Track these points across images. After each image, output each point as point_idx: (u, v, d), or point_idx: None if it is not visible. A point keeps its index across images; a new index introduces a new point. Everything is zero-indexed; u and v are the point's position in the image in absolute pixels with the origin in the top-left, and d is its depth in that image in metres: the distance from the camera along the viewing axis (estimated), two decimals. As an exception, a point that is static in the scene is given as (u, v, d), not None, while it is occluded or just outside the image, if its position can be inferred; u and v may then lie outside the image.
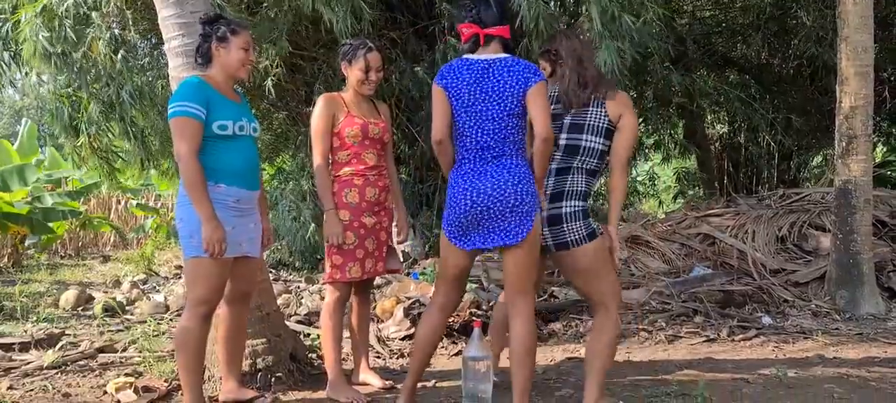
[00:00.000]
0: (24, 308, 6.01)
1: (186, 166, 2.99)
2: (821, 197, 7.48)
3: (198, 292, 3.11)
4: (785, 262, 6.60)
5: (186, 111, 3.00)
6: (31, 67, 6.55)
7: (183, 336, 3.14)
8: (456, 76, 3.03)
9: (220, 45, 3.16)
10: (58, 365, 4.24)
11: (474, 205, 2.97)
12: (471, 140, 3.02)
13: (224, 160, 3.11)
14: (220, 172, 3.10)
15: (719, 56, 9.68)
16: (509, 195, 2.94)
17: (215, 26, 3.18)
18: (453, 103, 3.04)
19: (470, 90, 3.00)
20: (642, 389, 3.76)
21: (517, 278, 3.07)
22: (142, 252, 9.46)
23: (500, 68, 2.99)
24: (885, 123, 11.09)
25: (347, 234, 3.55)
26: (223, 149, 3.11)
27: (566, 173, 3.19)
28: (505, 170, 2.97)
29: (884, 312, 5.69)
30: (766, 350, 4.71)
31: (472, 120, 3.00)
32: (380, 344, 4.79)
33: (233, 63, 3.17)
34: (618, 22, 4.90)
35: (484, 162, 3.00)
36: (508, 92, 2.96)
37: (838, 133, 5.88)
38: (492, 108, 2.98)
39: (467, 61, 3.05)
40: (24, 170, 10.58)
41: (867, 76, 5.74)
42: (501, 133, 2.98)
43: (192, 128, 3.01)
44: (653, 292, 5.93)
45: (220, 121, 3.08)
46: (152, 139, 7.81)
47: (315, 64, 6.85)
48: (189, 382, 3.18)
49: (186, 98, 3.02)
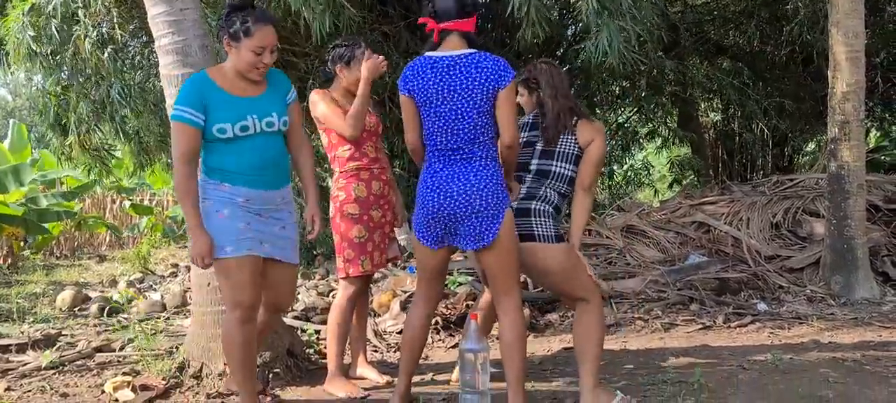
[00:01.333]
0: (21, 309, 6.00)
1: (176, 173, 2.91)
2: (814, 182, 7.50)
3: (226, 294, 3.04)
4: (779, 248, 6.62)
5: (181, 116, 2.88)
6: (19, 66, 6.54)
7: (224, 341, 3.10)
8: (419, 77, 2.93)
9: (232, 43, 2.93)
10: (55, 366, 4.24)
11: (441, 209, 2.94)
12: (439, 141, 2.95)
13: (229, 160, 2.96)
14: (225, 172, 2.96)
15: (712, 44, 9.68)
16: (474, 200, 2.89)
17: (231, 19, 2.92)
18: (419, 106, 2.96)
19: (435, 90, 2.90)
20: (639, 377, 3.77)
21: (495, 279, 3.05)
22: (137, 251, 9.44)
23: (467, 64, 2.88)
24: (878, 108, 11.11)
25: (358, 228, 3.56)
26: (226, 150, 2.95)
27: (538, 188, 3.22)
28: (472, 174, 2.91)
29: (878, 296, 5.71)
30: (761, 337, 4.73)
31: (439, 120, 2.92)
32: (377, 338, 4.80)
33: (241, 65, 2.95)
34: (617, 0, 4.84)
35: (452, 163, 2.94)
36: (478, 89, 2.86)
37: (831, 119, 5.89)
38: (459, 106, 2.88)
39: (430, 59, 2.93)
40: (19, 171, 10.55)
41: (859, 61, 5.74)
42: (470, 133, 2.91)
43: (186, 133, 2.88)
44: (648, 281, 5.94)
45: (219, 124, 2.91)
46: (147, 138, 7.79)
47: (308, 59, 6.83)
48: (239, 385, 3.13)
49: (183, 101, 2.90)
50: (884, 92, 10.12)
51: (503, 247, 2.96)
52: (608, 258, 6.62)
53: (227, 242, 2.93)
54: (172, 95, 3.67)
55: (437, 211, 2.95)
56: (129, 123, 7.18)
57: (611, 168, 11.21)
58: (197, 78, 3.00)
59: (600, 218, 7.51)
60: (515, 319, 3.04)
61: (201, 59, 3.63)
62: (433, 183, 2.97)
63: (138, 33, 6.91)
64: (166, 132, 6.85)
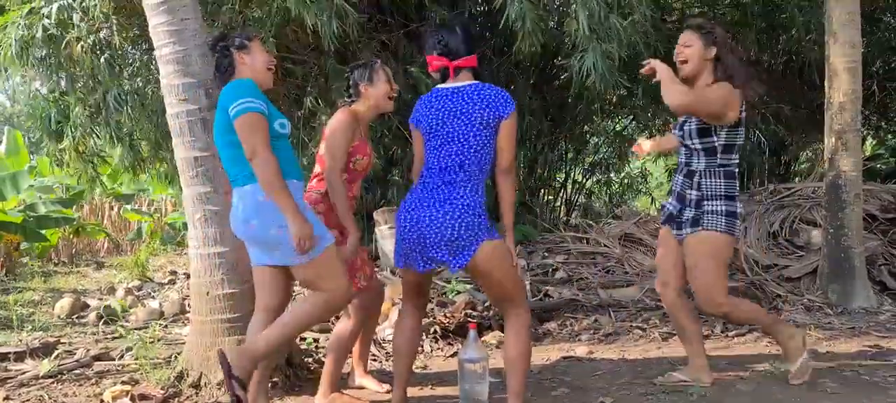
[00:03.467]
0: (19, 317, 5.99)
1: (267, 160, 2.87)
2: (811, 191, 7.52)
3: (332, 279, 3.02)
4: (777, 257, 6.64)
5: (255, 107, 2.90)
6: (15, 72, 6.55)
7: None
8: (426, 107, 3.09)
9: (242, 53, 3.11)
10: (54, 374, 4.24)
11: (411, 231, 2.99)
12: (431, 161, 3.04)
13: (284, 157, 3.02)
14: (289, 169, 3.02)
15: (709, 53, 9.70)
16: (446, 228, 2.92)
17: (227, 39, 3.13)
18: (423, 133, 3.09)
19: (438, 115, 3.03)
20: (637, 387, 3.78)
21: (490, 294, 3.19)
22: (136, 258, 9.43)
23: (472, 92, 3.02)
24: (874, 117, 11.14)
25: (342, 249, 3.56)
26: (280, 147, 3.02)
27: (692, 175, 3.57)
28: (447, 202, 2.94)
29: (876, 305, 5.73)
30: (759, 346, 4.74)
31: (437, 141, 3.03)
32: (375, 346, 4.80)
33: (259, 66, 3.12)
34: (606, 23, 4.90)
35: (434, 187, 2.99)
36: (477, 113, 2.97)
37: (828, 128, 5.92)
38: (456, 127, 2.98)
39: (438, 91, 3.09)
40: (16, 178, 10.54)
41: (856, 71, 5.77)
42: (460, 157, 2.97)
43: (264, 124, 2.92)
44: (646, 290, 5.96)
45: (280, 119, 3.04)
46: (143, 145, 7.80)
47: (306, 66, 6.84)
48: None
49: (249, 94, 2.93)
50: (880, 101, 10.15)
51: (483, 270, 2.99)
52: (606, 267, 6.63)
53: (324, 231, 3.03)
54: (173, 104, 3.69)
55: (407, 231, 3.01)
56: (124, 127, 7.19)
57: (608, 176, 11.23)
58: (245, 80, 3.02)
59: (598, 227, 7.52)
60: (520, 335, 3.08)
61: (201, 69, 3.65)
62: (409, 206, 3.04)
63: (139, 41, 6.92)
64: (162, 138, 6.86)
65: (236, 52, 3.10)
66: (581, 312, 5.53)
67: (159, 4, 3.63)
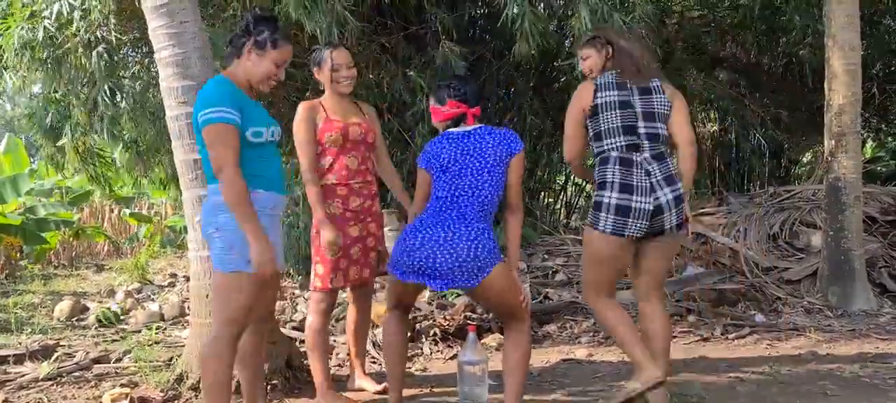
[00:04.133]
0: (19, 319, 5.99)
1: (231, 180, 2.68)
2: (811, 194, 7.52)
3: (230, 310, 2.80)
4: (777, 260, 6.63)
5: (223, 116, 2.70)
6: (17, 74, 6.57)
7: (210, 362, 2.84)
8: (436, 148, 3.18)
9: (255, 50, 2.85)
10: (53, 377, 4.24)
11: (421, 249, 2.98)
12: (443, 191, 3.10)
13: (260, 166, 2.85)
14: (259, 178, 2.83)
15: (708, 55, 9.71)
16: (462, 249, 2.93)
17: (259, 27, 2.86)
18: (432, 172, 3.16)
19: (450, 155, 3.13)
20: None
21: (496, 311, 3.28)
22: (136, 261, 9.42)
23: (483, 132, 3.16)
24: (875, 120, 11.14)
25: None
26: (258, 156, 2.84)
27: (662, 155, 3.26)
28: (463, 224, 2.99)
29: (876, 308, 5.72)
30: (759, 348, 4.74)
31: (448, 179, 3.10)
32: (374, 349, 4.80)
33: (259, 74, 2.86)
34: (609, 21, 4.90)
35: (446, 211, 3.05)
36: (490, 151, 3.09)
37: (828, 130, 5.92)
38: (471, 163, 3.08)
39: (451, 134, 3.20)
40: (16, 181, 10.55)
41: (855, 74, 5.78)
42: (473, 189, 3.04)
43: (233, 135, 2.72)
44: (646, 292, 5.94)
45: (254, 127, 2.81)
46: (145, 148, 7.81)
47: (305, 70, 6.85)
48: None
49: (220, 102, 2.72)
50: (880, 103, 10.15)
51: (492, 292, 3.05)
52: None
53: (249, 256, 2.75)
54: (172, 107, 3.70)
55: (416, 248, 2.99)
56: (127, 132, 7.21)
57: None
58: (222, 81, 2.83)
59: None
60: (520, 345, 3.13)
61: (201, 72, 3.65)
62: (421, 224, 3.06)
63: (139, 44, 6.93)
64: (161, 140, 6.86)
65: (250, 43, 2.85)
66: (581, 314, 5.53)
67: (159, 7, 3.63)
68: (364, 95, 5.89)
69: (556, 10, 6.89)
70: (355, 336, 3.90)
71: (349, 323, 3.90)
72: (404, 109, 6.65)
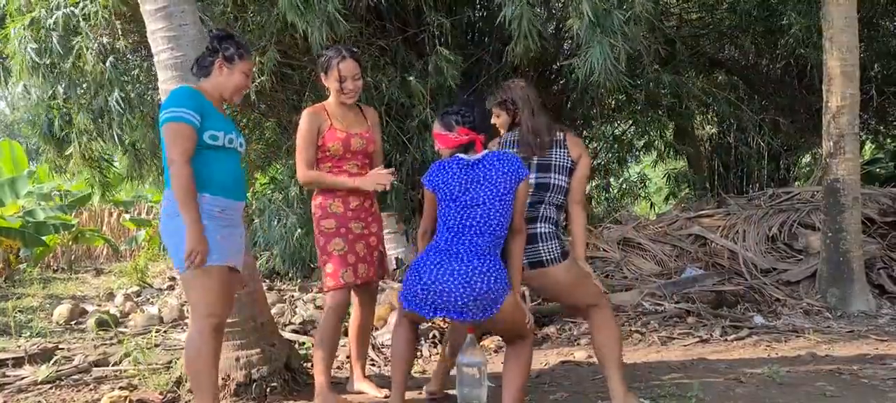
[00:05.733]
0: (18, 322, 5.99)
1: (179, 171, 2.90)
2: (810, 195, 7.53)
3: (204, 304, 3.01)
4: (776, 262, 6.64)
5: (181, 116, 2.93)
6: (19, 80, 6.57)
7: (192, 356, 3.03)
8: (445, 173, 3.16)
9: (225, 65, 3.12)
10: (52, 380, 4.23)
11: (436, 284, 2.98)
12: (452, 222, 3.09)
13: (211, 170, 3.03)
14: (207, 182, 3.01)
15: (707, 57, 9.73)
16: (476, 282, 2.95)
17: (225, 44, 3.13)
18: (441, 198, 3.14)
19: (458, 182, 3.12)
20: (637, 391, 3.77)
21: (502, 333, 3.30)
22: (134, 264, 9.43)
23: (491, 160, 3.14)
24: (873, 121, 11.16)
25: (336, 240, 3.56)
26: (211, 160, 3.03)
27: (538, 203, 3.31)
28: (475, 257, 2.99)
29: (874, 309, 5.73)
30: (758, 350, 4.74)
31: (457, 205, 3.09)
32: (375, 352, 4.80)
33: (230, 86, 3.14)
34: (609, 18, 4.89)
35: (458, 244, 3.04)
36: (500, 178, 3.08)
37: (826, 132, 5.93)
38: (482, 194, 3.07)
39: (458, 160, 3.18)
40: (15, 183, 10.56)
41: (853, 75, 5.79)
42: (484, 220, 3.04)
43: (187, 132, 2.93)
44: (645, 294, 5.96)
45: (211, 130, 3.01)
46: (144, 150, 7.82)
47: (304, 72, 6.86)
48: (201, 399, 3.05)
49: (181, 104, 2.95)
50: (879, 105, 10.17)
51: (503, 320, 3.08)
52: (605, 270, 6.63)
53: (213, 250, 2.98)
54: (171, 109, 3.70)
55: (432, 283, 2.99)
56: (127, 136, 7.21)
57: (607, 180, 11.24)
58: (187, 88, 3.07)
59: (597, 231, 7.52)
60: (522, 353, 3.18)
61: (200, 74, 3.65)
62: (435, 257, 3.04)
63: (138, 47, 6.94)
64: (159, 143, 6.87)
65: (220, 59, 3.11)
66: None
67: (157, 10, 3.63)
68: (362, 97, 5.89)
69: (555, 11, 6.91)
70: (357, 339, 3.89)
71: (352, 325, 3.88)
72: (402, 112, 6.66)
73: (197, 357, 3.02)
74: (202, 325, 3.02)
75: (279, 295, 7.05)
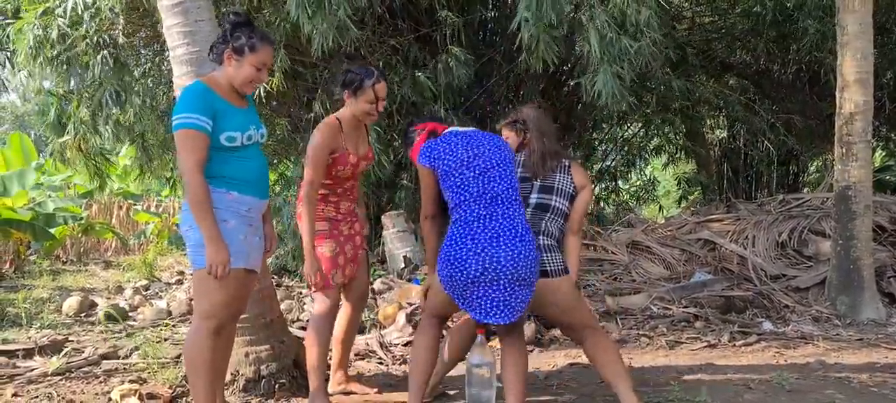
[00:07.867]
0: (28, 314, 6.02)
1: (191, 182, 2.81)
2: (821, 202, 7.50)
3: (207, 304, 2.94)
4: (785, 268, 6.62)
5: (192, 123, 2.81)
6: (28, 69, 6.63)
7: (193, 355, 2.98)
8: (443, 145, 3.10)
9: (234, 56, 2.95)
10: (62, 372, 4.26)
11: (485, 273, 2.90)
12: (477, 190, 2.99)
13: (236, 168, 2.94)
14: (233, 180, 2.93)
15: (719, 61, 9.70)
16: (521, 269, 2.91)
17: (236, 33, 2.96)
18: (446, 169, 3.04)
19: (465, 149, 3.06)
20: (644, 395, 3.76)
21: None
22: (144, 257, 9.47)
23: (476, 134, 3.17)
24: (885, 128, 11.11)
25: (329, 243, 3.57)
26: (234, 158, 2.94)
27: (540, 223, 3.29)
28: (517, 240, 2.92)
29: (884, 317, 5.70)
30: (767, 356, 4.73)
31: (476, 174, 3.01)
32: (382, 350, 4.81)
33: (239, 78, 2.96)
34: (616, 46, 4.94)
35: (494, 218, 2.94)
36: (494, 147, 3.10)
37: (838, 138, 5.91)
38: (494, 156, 3.06)
39: (451, 132, 3.19)
40: (23, 174, 10.61)
41: (867, 82, 5.76)
42: (505, 181, 3.02)
43: (199, 141, 2.82)
44: (654, 298, 5.95)
45: (227, 132, 2.90)
46: (153, 146, 7.86)
47: (316, 70, 6.87)
48: (199, 400, 3.01)
49: (192, 109, 2.83)
50: (890, 112, 10.12)
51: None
52: (613, 274, 6.62)
53: (234, 253, 2.91)
54: (185, 105, 3.71)
55: (480, 274, 2.90)
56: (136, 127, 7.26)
57: (616, 183, 11.22)
58: (198, 87, 2.92)
59: (606, 234, 7.51)
60: (518, 355, 3.16)
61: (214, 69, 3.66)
62: (475, 244, 2.92)
63: (151, 43, 6.97)
64: (171, 138, 6.90)
65: (229, 50, 2.95)
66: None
67: (174, 6, 3.65)
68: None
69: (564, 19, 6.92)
70: (343, 341, 3.85)
71: (338, 325, 3.80)
72: (414, 110, 6.67)
73: (192, 355, 2.99)
74: (200, 325, 2.98)
75: (288, 292, 7.05)
